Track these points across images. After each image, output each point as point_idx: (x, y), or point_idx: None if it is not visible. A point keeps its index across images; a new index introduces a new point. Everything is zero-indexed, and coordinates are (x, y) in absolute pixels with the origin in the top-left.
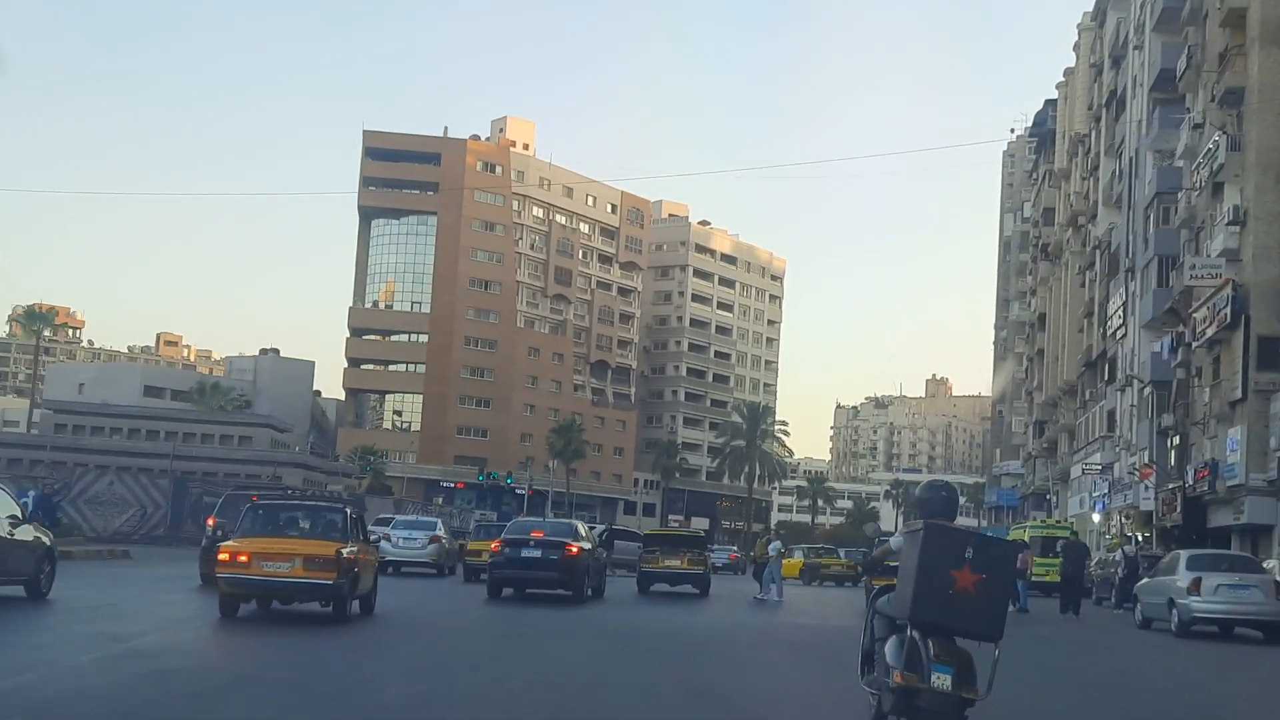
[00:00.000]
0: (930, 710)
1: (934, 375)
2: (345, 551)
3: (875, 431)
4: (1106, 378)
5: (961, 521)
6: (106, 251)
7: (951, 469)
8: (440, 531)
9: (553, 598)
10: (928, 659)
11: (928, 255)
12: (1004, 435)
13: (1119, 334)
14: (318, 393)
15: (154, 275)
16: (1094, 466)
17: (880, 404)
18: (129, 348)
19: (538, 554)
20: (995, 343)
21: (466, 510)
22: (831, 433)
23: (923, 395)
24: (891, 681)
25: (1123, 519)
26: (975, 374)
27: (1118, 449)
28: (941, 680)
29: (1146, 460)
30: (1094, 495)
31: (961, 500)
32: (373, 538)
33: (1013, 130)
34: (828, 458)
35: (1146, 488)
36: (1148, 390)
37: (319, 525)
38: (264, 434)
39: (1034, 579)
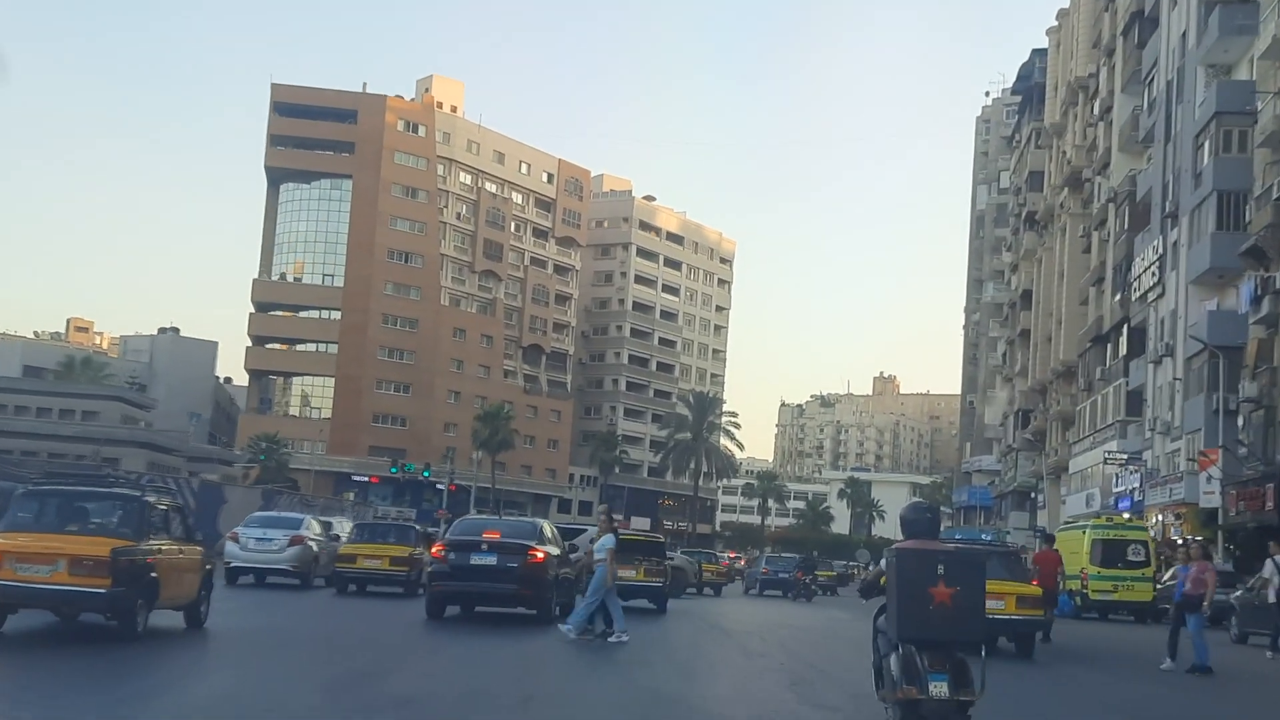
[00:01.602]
0: (933, 717)
1: (881, 373)
2: (132, 550)
3: (822, 430)
4: (1124, 352)
5: None
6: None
7: (899, 468)
8: (306, 531)
9: (508, 618)
10: (924, 670)
11: (879, 249)
12: (975, 428)
13: (1151, 295)
14: (229, 380)
15: (58, 255)
16: (1117, 457)
17: (826, 402)
18: (35, 333)
19: (492, 561)
20: (965, 327)
21: (360, 508)
22: (777, 431)
23: (870, 393)
24: (897, 696)
25: (1163, 519)
26: (924, 372)
27: (1151, 433)
28: (939, 688)
29: (1204, 445)
30: (1117, 491)
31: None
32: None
33: (988, 94)
34: (771, 457)
35: (1210, 478)
36: (1200, 359)
37: (102, 518)
38: (114, 409)
39: (1099, 597)
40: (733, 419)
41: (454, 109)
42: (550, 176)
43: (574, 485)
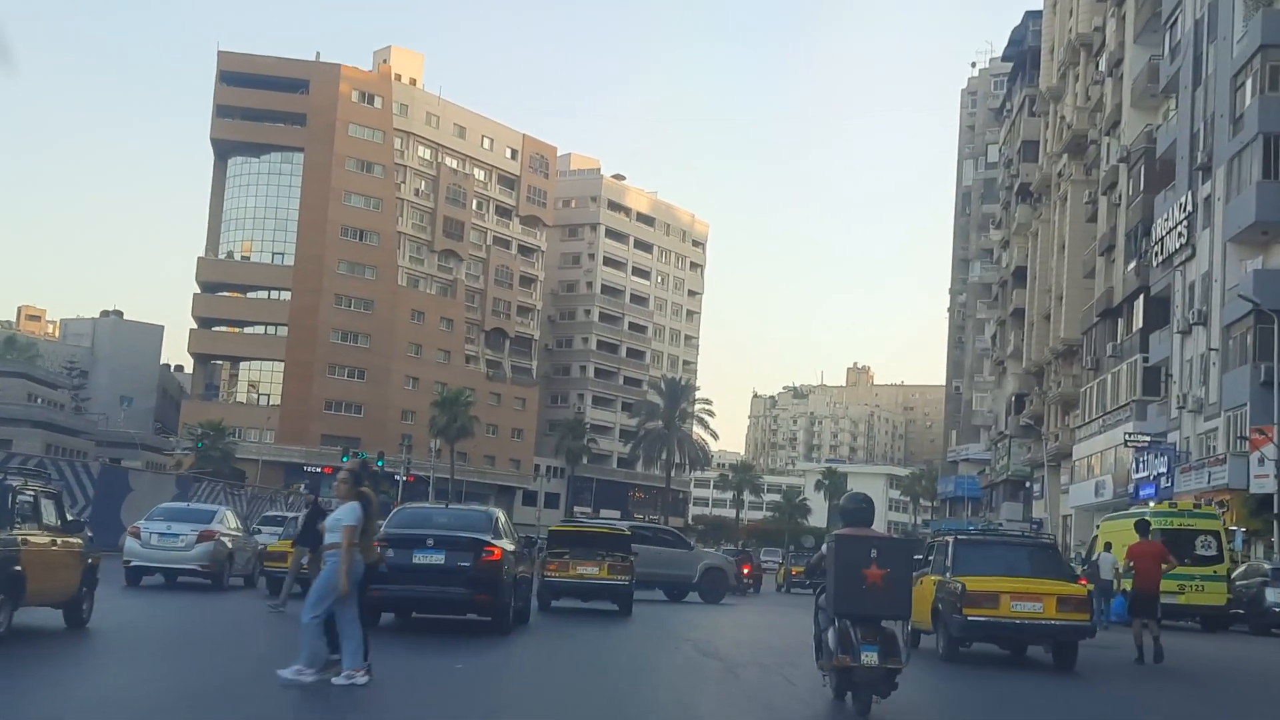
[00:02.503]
0: (864, 683)
1: (855, 363)
2: None
3: (795, 422)
4: (1140, 325)
5: (900, 518)
6: None
7: (874, 460)
8: (220, 525)
9: (456, 625)
10: (857, 642)
11: (853, 235)
12: (962, 415)
13: (1178, 259)
14: (179, 368)
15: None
16: (1138, 439)
17: (799, 394)
18: None
19: (438, 559)
20: (951, 310)
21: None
22: (749, 422)
23: (844, 384)
24: (832, 664)
25: (1202, 505)
26: (899, 363)
27: (1179, 412)
28: (869, 657)
29: (1253, 423)
30: (1138, 477)
31: (896, 494)
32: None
33: (974, 64)
34: (743, 450)
35: (1264, 460)
36: (1243, 326)
37: None
38: (19, 387)
39: (1163, 600)
40: (706, 407)
41: (413, 81)
42: (514, 153)
43: (539, 476)
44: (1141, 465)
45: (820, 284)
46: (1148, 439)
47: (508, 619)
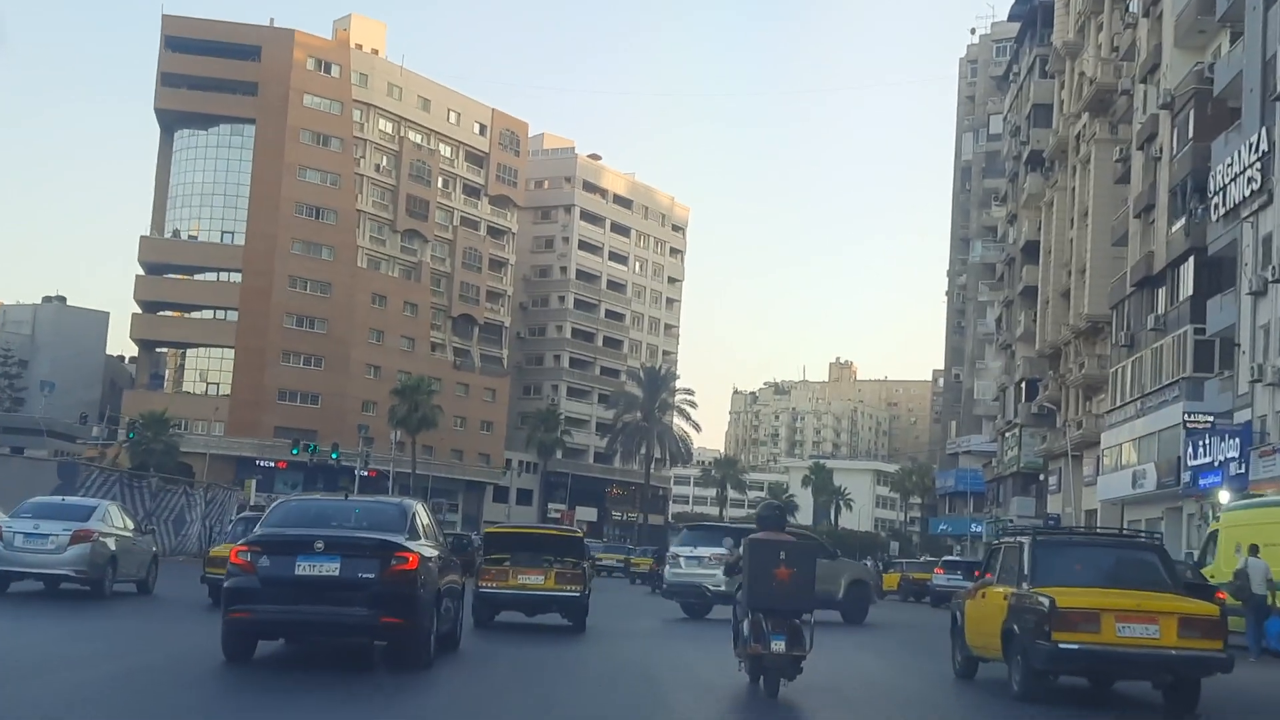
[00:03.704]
0: (773, 668)
1: (838, 358)
2: None
3: (777, 417)
4: (1190, 291)
5: (888, 515)
6: None
7: (857, 456)
8: (101, 523)
9: (356, 654)
10: (767, 632)
11: (834, 227)
12: (963, 405)
13: (1246, 209)
14: (126, 358)
15: None
16: (1201, 419)
17: (780, 390)
18: None
19: (331, 569)
20: (949, 293)
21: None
22: (730, 418)
23: (826, 380)
24: (746, 652)
25: None
26: (882, 357)
27: (1251, 386)
28: (778, 645)
29: None
30: (1195, 464)
31: (885, 491)
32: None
33: (974, 31)
34: (723, 447)
35: None
36: None
37: None
38: None
39: None
40: (688, 397)
41: (375, 52)
42: (483, 128)
43: (510, 471)
44: (1201, 450)
45: (803, 276)
46: (1211, 419)
47: (427, 648)
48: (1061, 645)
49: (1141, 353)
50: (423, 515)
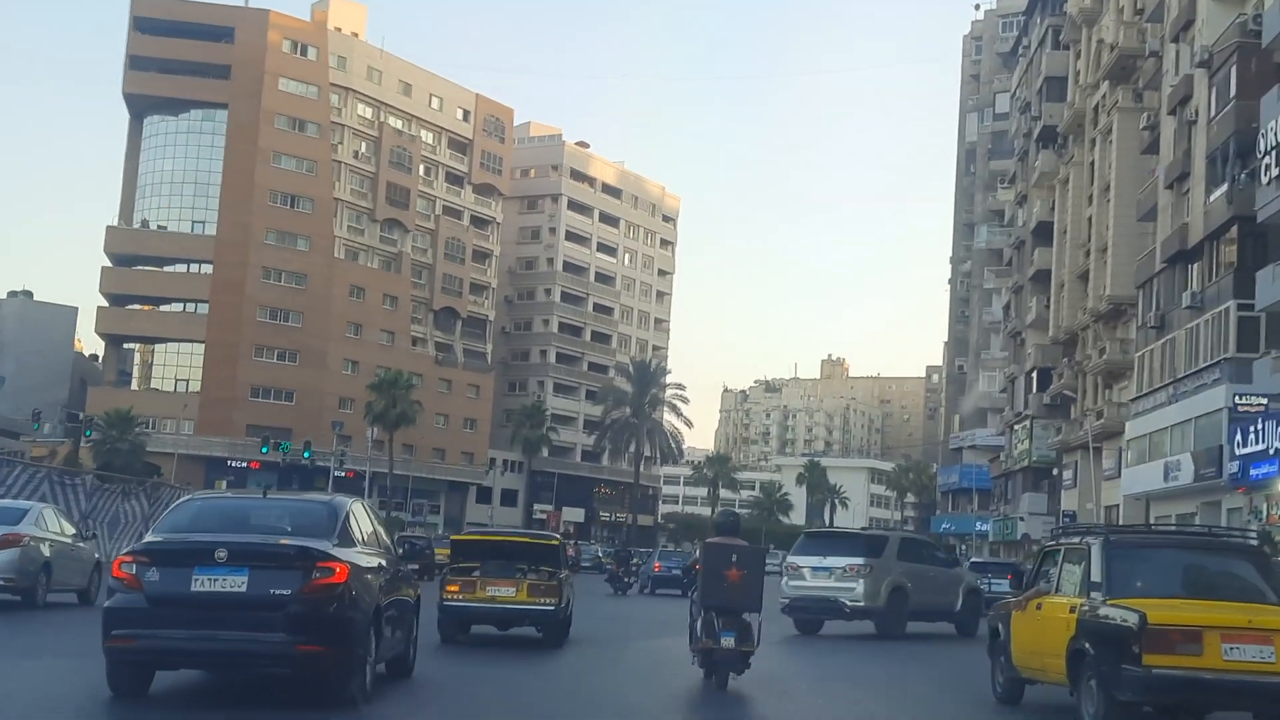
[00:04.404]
0: (723, 662)
1: (830, 355)
2: None
3: (768, 415)
4: (1233, 261)
5: (882, 514)
6: None
7: (849, 454)
8: (34, 527)
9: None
10: (719, 629)
11: (825, 221)
12: (966, 397)
13: None
14: (99, 356)
15: None
16: (1254, 401)
17: (771, 387)
18: None
19: (236, 584)
20: (952, 282)
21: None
22: (720, 417)
23: (818, 377)
24: (699, 647)
25: None
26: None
27: None
28: (728, 641)
29: None
30: (1244, 452)
31: (883, 490)
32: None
33: (978, 6)
34: (713, 446)
35: None
36: None
37: None
38: None
39: None
40: (680, 392)
41: (354, 34)
42: (466, 114)
43: (494, 470)
44: (1252, 437)
45: (795, 272)
46: (1263, 402)
47: (361, 681)
48: (1155, 671)
49: (1174, 334)
50: (361, 516)
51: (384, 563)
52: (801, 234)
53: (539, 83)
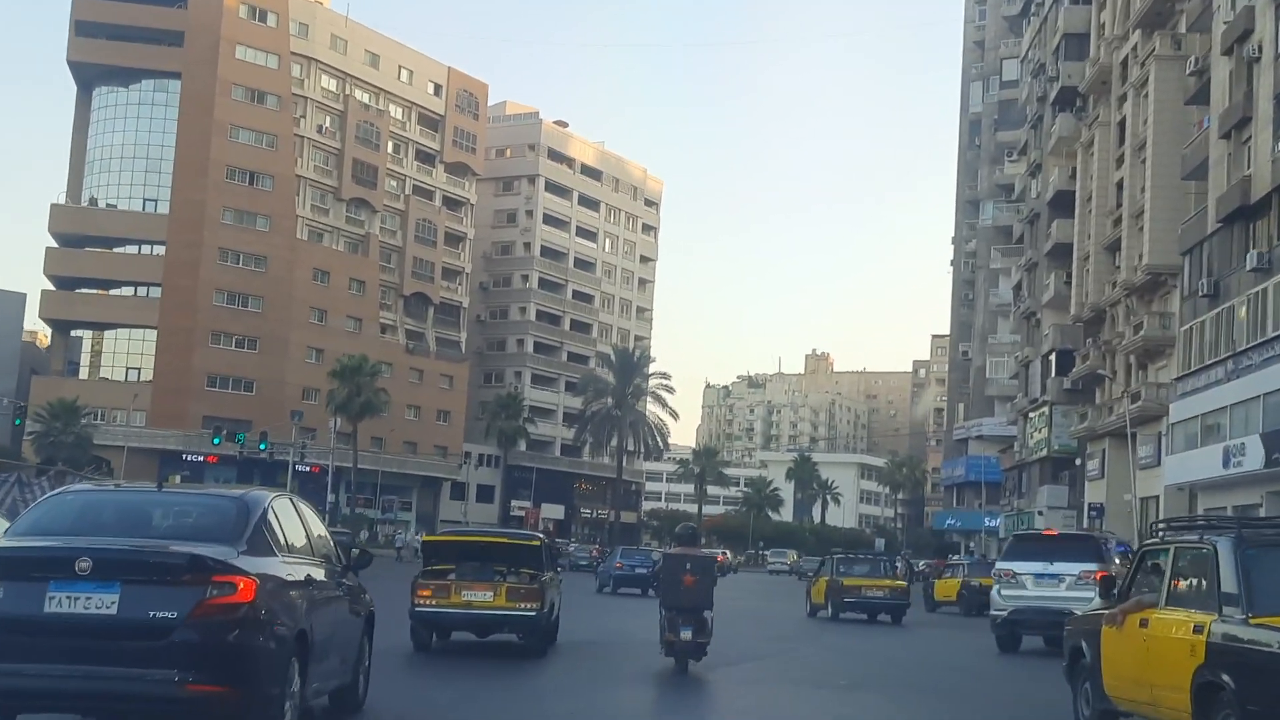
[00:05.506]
0: (683, 651)
1: (814, 350)
2: None
3: (752, 411)
4: None
5: (871, 510)
6: None
7: (835, 449)
8: None
9: None
10: (678, 624)
11: (810, 210)
12: (973, 385)
13: None
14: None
15: None
16: None
17: (754, 383)
18: None
19: (104, 605)
20: (955, 262)
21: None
22: (703, 414)
23: (802, 372)
24: (663, 639)
25: None
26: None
27: None
28: (686, 634)
29: None
30: None
31: (875, 486)
32: None
33: None
34: (695, 443)
35: None
36: None
37: None
38: None
39: None
40: (664, 382)
41: (317, 1)
42: (438, 88)
43: (468, 464)
44: None
45: (776, 265)
46: None
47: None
48: None
49: (1232, 302)
50: (287, 516)
51: (318, 574)
52: (783, 228)
53: (514, 60)
